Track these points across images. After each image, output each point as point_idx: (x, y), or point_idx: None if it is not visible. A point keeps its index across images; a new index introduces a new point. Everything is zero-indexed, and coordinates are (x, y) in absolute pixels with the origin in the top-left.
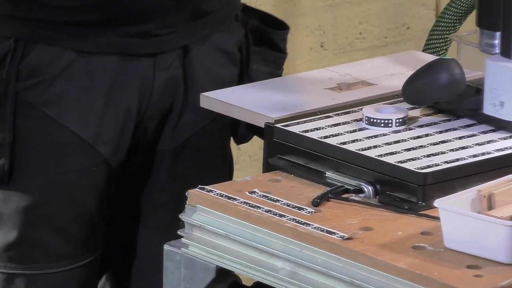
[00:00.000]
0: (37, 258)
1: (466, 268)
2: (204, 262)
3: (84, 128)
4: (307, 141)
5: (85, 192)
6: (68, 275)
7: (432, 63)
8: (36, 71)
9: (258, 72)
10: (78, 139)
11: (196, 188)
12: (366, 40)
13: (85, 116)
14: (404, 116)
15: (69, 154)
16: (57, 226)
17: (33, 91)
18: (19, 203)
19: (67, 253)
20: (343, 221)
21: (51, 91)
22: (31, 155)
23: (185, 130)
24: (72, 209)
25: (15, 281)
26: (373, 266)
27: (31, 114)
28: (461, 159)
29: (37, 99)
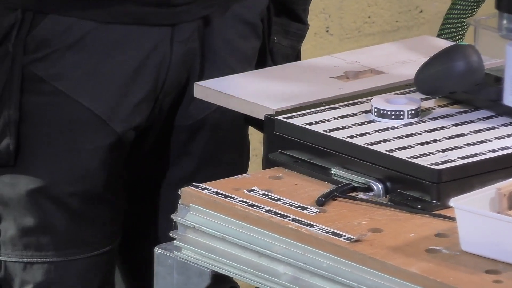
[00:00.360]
0: (55, 245)
1: (484, 273)
2: (199, 267)
3: (99, 104)
4: (311, 135)
5: (100, 173)
6: (89, 262)
7: (447, 49)
8: (45, 43)
9: (279, 45)
10: (92, 116)
11: (190, 186)
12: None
13: (100, 90)
14: (416, 108)
15: (82, 131)
16: (71, 210)
17: (42, 63)
18: (27, 185)
19: (87, 239)
20: (350, 222)
21: (62, 63)
22: (40, 134)
23: (202, 106)
24: (86, 191)
25: (33, 269)
26: (383, 271)
27: (40, 89)
28: (479, 154)
29: (46, 72)
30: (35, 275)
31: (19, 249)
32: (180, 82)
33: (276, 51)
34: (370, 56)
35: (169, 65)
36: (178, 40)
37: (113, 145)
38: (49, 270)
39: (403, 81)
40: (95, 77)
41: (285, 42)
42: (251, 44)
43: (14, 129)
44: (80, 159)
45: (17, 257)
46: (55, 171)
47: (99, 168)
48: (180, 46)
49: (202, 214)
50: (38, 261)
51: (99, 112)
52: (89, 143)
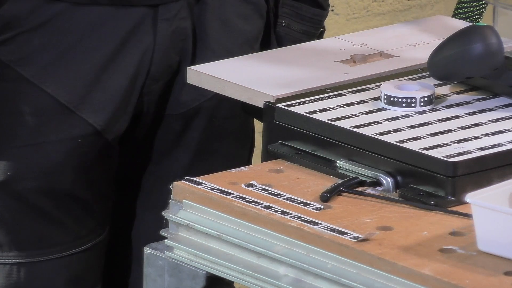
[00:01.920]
0: (17, 245)
1: (503, 274)
2: (192, 268)
3: (66, 92)
4: (315, 124)
5: (67, 167)
6: (57, 264)
7: (463, 30)
8: (11, 24)
9: (289, 29)
10: (58, 105)
11: (182, 180)
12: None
13: (69, 78)
14: (430, 95)
15: (47, 122)
16: (35, 207)
17: (6, 47)
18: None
19: (54, 239)
20: (357, 219)
21: (27, 47)
22: (2, 125)
23: (196, 93)
24: (50, 188)
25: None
26: (393, 272)
27: (4, 75)
28: (498, 146)
29: (10, 56)
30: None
31: None
32: (170, 66)
33: (284, 35)
34: (379, 38)
35: (153, 47)
36: (162, 18)
37: (85, 137)
38: (10, 272)
39: (415, 65)
40: (64, 63)
41: (296, 27)
42: (253, 26)
43: None
44: (45, 152)
45: None
46: (17, 165)
47: (66, 163)
48: (166, 25)
49: (196, 210)
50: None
51: (65, 101)
52: (56, 135)
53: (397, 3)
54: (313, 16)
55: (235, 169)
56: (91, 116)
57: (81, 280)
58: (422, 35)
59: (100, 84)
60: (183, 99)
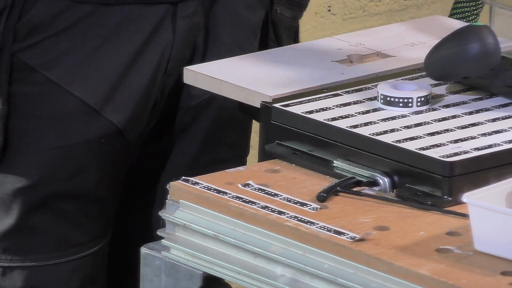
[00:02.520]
0: (37, 248)
1: (500, 274)
2: (189, 268)
3: (92, 93)
4: (312, 124)
5: (92, 169)
6: (73, 265)
7: (460, 30)
8: (37, 29)
9: (282, 16)
10: (84, 107)
11: (179, 180)
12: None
13: (94, 79)
14: (427, 94)
15: (74, 124)
16: (58, 210)
17: (33, 51)
18: (14, 184)
19: (72, 241)
20: (354, 219)
21: (53, 50)
22: (29, 127)
23: None
24: (76, 188)
25: (12, 275)
26: (390, 272)
27: (30, 79)
28: (495, 146)
29: (37, 60)
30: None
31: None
32: (184, 60)
33: (279, 22)
34: (376, 38)
35: (172, 44)
36: (182, 15)
37: (108, 138)
38: (29, 275)
39: (412, 65)
40: (90, 65)
41: (287, 13)
42: (257, 15)
43: (2, 125)
44: (71, 154)
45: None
46: (43, 169)
47: (91, 164)
48: (184, 22)
49: (193, 210)
50: (18, 265)
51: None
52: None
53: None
54: (300, 1)
55: (232, 169)
56: (114, 116)
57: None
58: (419, 35)
59: (123, 84)
60: (194, 92)
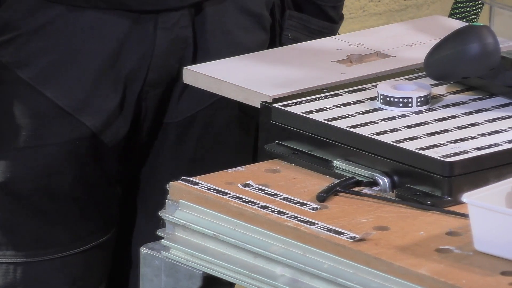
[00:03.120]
0: (15, 245)
1: (500, 274)
2: (189, 268)
3: (65, 95)
4: (311, 124)
5: (65, 170)
6: (53, 265)
7: (460, 30)
8: (9, 26)
9: (296, 42)
10: (56, 108)
11: (179, 180)
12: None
13: (67, 81)
14: (426, 94)
15: (46, 125)
16: (34, 209)
17: (5, 49)
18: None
19: (51, 240)
20: (354, 219)
21: (26, 49)
22: (1, 127)
23: (193, 101)
24: (49, 188)
25: None
26: (390, 272)
27: (2, 77)
28: (494, 146)
29: (9, 58)
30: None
31: None
32: (169, 73)
33: None
34: (375, 38)
35: (151, 53)
36: (162, 27)
37: (83, 140)
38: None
39: (412, 65)
40: (62, 66)
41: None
42: (254, 37)
43: None
44: (44, 155)
45: None
46: (16, 167)
47: (64, 165)
48: (165, 33)
49: (192, 210)
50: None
51: (63, 104)
52: (54, 138)
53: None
54: (322, 30)
55: (232, 169)
56: (88, 119)
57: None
58: (419, 35)
59: (98, 88)
60: (179, 107)
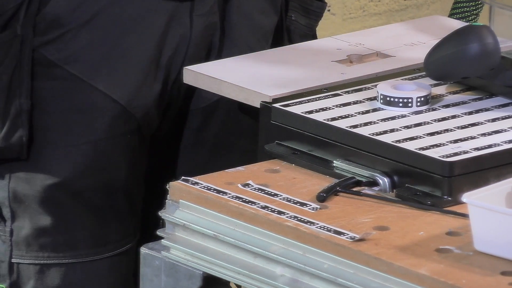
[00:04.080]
0: (74, 244)
1: (500, 274)
2: (189, 268)
3: (117, 88)
4: (311, 124)
5: (121, 164)
6: (110, 263)
7: (460, 30)
8: (56, 22)
9: (297, 23)
10: (110, 101)
11: (179, 180)
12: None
13: (118, 73)
14: (426, 94)
15: (100, 119)
16: (92, 206)
17: (54, 46)
18: (44, 180)
19: (108, 237)
20: (354, 219)
21: (75, 45)
22: (54, 123)
23: None
24: (107, 184)
25: (50, 272)
26: (390, 272)
27: (52, 74)
28: (494, 146)
29: (58, 55)
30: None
31: (34, 250)
32: (199, 59)
33: (294, 29)
34: (375, 37)
35: (189, 41)
36: (198, 14)
37: (134, 132)
38: (67, 272)
39: (412, 65)
40: (111, 59)
41: (303, 21)
42: (270, 20)
43: (26, 119)
44: (100, 149)
45: (32, 259)
46: (73, 164)
47: (120, 158)
48: (201, 20)
49: (192, 210)
50: (55, 263)
51: (117, 97)
52: (108, 131)
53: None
54: (315, 9)
55: (232, 169)
56: (138, 111)
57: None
58: (419, 35)
59: (147, 79)
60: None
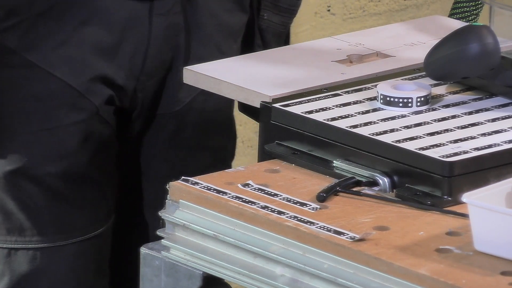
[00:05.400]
0: (41, 229)
1: (500, 274)
2: (189, 268)
3: (73, 75)
4: (311, 124)
5: (81, 150)
6: (77, 248)
7: (460, 30)
8: (15, 11)
9: (270, 22)
10: (68, 88)
11: (179, 180)
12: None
13: (75, 61)
14: (426, 94)
15: (59, 106)
16: (54, 192)
17: (12, 33)
18: (4, 166)
19: (75, 223)
20: (354, 219)
21: (33, 32)
22: (14, 110)
23: (189, 88)
24: (68, 170)
25: (17, 256)
26: (390, 272)
27: (11, 61)
28: (494, 146)
29: (17, 42)
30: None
31: (2, 234)
32: (164, 61)
33: (266, 28)
34: (375, 37)
35: (148, 41)
36: (157, 13)
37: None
38: (34, 257)
39: (412, 65)
40: (69, 46)
41: (276, 19)
42: (236, 19)
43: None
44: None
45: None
46: (33, 150)
47: (80, 145)
48: (161, 20)
49: (192, 210)
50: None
51: (75, 84)
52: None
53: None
54: (289, 7)
55: (232, 169)
56: (96, 99)
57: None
58: (419, 35)
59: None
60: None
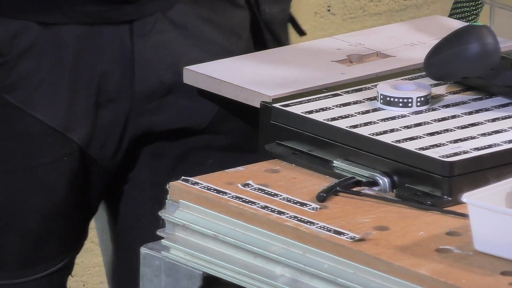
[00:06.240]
0: (2, 266)
1: (500, 274)
2: (189, 268)
3: (53, 115)
4: (311, 124)
5: (58, 187)
6: (40, 283)
7: (460, 30)
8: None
9: (271, 14)
10: (47, 128)
11: (179, 180)
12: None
13: (54, 100)
14: (426, 94)
15: (38, 145)
16: (26, 229)
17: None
18: None
19: (38, 259)
20: (354, 219)
21: (14, 73)
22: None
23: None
24: (43, 207)
25: None
26: (390, 272)
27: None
28: (494, 145)
29: None
30: None
31: None
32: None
33: (271, 20)
34: (375, 37)
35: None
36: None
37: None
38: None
39: (412, 65)
40: (47, 86)
41: (276, 9)
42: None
43: None
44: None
45: None
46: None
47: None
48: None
49: (192, 210)
50: None
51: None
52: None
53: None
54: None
55: (232, 169)
56: (74, 134)
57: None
58: (419, 35)
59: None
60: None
